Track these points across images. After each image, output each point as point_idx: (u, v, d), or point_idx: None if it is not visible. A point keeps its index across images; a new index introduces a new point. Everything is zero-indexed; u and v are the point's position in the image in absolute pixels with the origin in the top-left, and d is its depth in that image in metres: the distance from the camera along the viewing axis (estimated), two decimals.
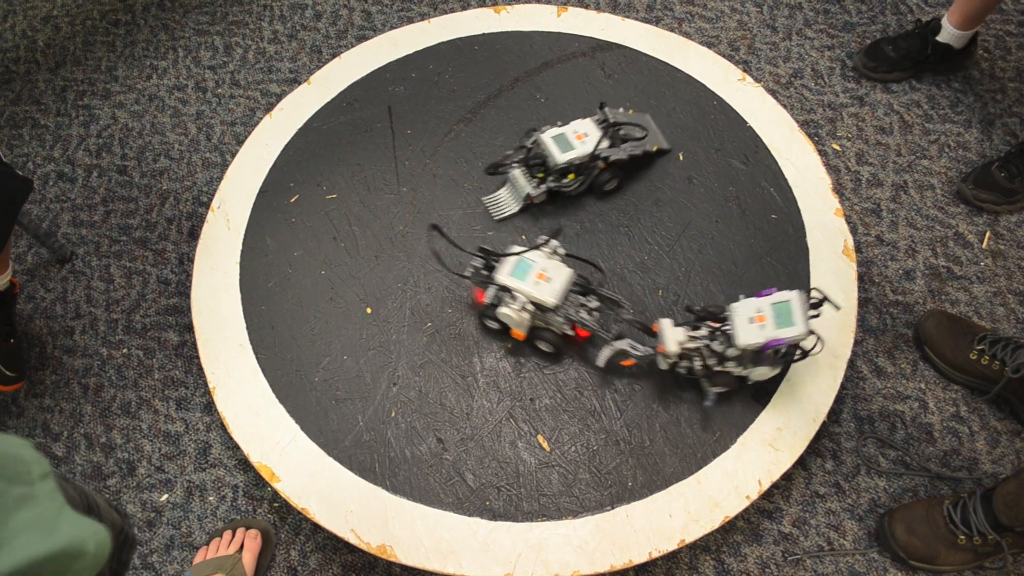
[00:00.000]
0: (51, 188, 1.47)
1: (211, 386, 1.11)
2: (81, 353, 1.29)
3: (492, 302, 1.05)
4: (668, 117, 1.29)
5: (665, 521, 0.98)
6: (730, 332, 0.94)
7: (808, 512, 1.08)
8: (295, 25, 1.65)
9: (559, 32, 1.41)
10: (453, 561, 0.96)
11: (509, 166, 1.19)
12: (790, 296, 0.92)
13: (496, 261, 1.05)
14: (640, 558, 0.96)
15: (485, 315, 1.09)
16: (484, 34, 1.42)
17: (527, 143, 1.16)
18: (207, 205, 1.42)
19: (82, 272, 1.37)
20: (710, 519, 0.98)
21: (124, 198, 1.45)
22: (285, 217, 1.25)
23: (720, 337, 0.95)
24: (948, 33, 1.39)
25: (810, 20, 1.57)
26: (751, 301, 0.94)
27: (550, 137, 1.14)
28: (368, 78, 1.38)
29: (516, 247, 1.08)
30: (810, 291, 0.97)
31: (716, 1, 1.61)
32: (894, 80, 1.46)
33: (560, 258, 1.06)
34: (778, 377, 1.06)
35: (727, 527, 1.07)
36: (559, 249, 1.06)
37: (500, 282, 1.02)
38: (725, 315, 0.96)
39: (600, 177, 1.18)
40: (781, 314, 0.92)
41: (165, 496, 1.15)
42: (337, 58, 1.42)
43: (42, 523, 0.47)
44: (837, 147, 1.40)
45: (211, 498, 1.14)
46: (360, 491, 1.01)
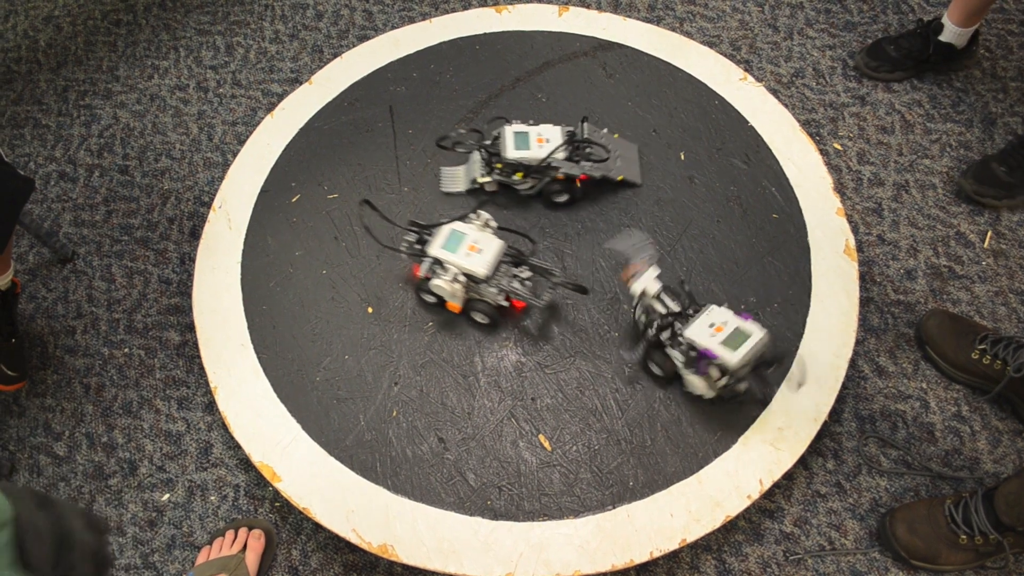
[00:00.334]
0: (53, 188, 1.48)
1: (212, 386, 1.11)
2: (82, 353, 1.29)
3: (427, 275, 1.06)
4: (670, 117, 1.29)
5: (666, 520, 0.98)
6: (691, 322, 0.98)
7: (809, 512, 1.08)
8: (296, 25, 1.65)
9: (560, 32, 1.41)
10: (454, 561, 0.96)
11: (464, 145, 1.19)
12: (756, 332, 0.95)
13: (429, 235, 1.07)
14: (641, 558, 0.96)
15: (421, 288, 1.11)
16: (485, 34, 1.42)
17: (488, 130, 1.16)
18: (208, 205, 1.42)
19: (83, 272, 1.37)
20: (711, 518, 0.98)
21: (125, 198, 1.45)
22: (286, 217, 1.25)
23: (681, 320, 1.00)
24: (950, 32, 1.39)
25: (812, 19, 1.57)
26: (728, 313, 0.98)
27: (512, 132, 1.14)
28: (369, 78, 1.38)
29: (445, 220, 1.09)
30: (794, 358, 1.05)
31: (717, 1, 1.60)
32: (896, 79, 1.46)
33: (492, 230, 1.08)
34: (779, 376, 1.06)
35: (728, 527, 1.07)
36: (491, 222, 1.08)
37: (432, 254, 1.04)
38: (699, 308, 1.00)
39: (551, 186, 1.17)
40: (735, 337, 0.95)
41: (166, 496, 1.15)
42: (338, 58, 1.42)
43: None
44: (839, 146, 1.40)
45: (212, 498, 1.14)
46: (361, 491, 1.01)
